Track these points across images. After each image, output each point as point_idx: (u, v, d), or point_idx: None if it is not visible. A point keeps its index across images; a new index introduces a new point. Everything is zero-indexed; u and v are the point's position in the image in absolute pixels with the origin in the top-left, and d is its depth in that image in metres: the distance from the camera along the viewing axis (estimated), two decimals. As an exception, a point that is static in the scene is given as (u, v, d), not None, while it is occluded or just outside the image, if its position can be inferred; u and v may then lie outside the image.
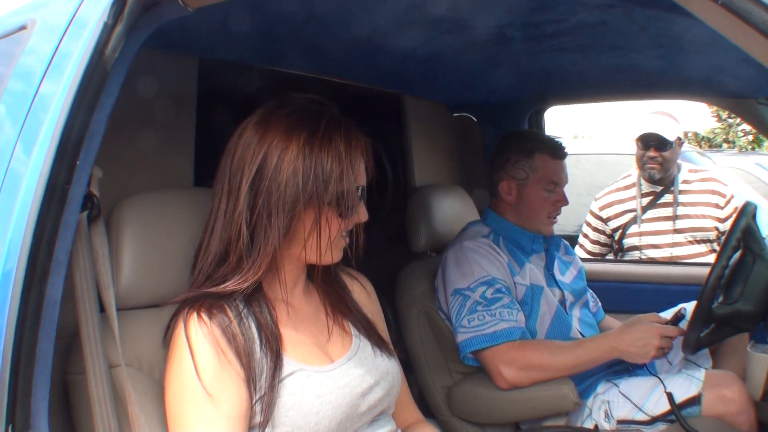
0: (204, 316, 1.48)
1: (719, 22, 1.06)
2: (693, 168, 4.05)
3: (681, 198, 3.86)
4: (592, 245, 4.13)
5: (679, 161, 3.96)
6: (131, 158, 1.72)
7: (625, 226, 3.95)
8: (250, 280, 1.53)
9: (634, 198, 3.96)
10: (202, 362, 1.44)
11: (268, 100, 1.61)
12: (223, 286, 1.53)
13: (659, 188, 3.91)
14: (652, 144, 3.83)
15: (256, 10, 1.75)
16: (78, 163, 1.34)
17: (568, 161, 2.76)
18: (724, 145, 20.54)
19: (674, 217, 3.82)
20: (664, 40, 2.17)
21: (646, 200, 3.93)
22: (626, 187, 4.04)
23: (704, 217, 3.80)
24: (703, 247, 3.78)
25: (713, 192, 3.86)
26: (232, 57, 2.18)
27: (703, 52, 2.22)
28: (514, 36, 2.16)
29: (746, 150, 18.24)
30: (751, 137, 20.07)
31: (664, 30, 2.07)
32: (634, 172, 4.03)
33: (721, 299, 2.10)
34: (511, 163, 2.71)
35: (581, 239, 4.20)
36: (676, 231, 3.79)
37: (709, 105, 4.46)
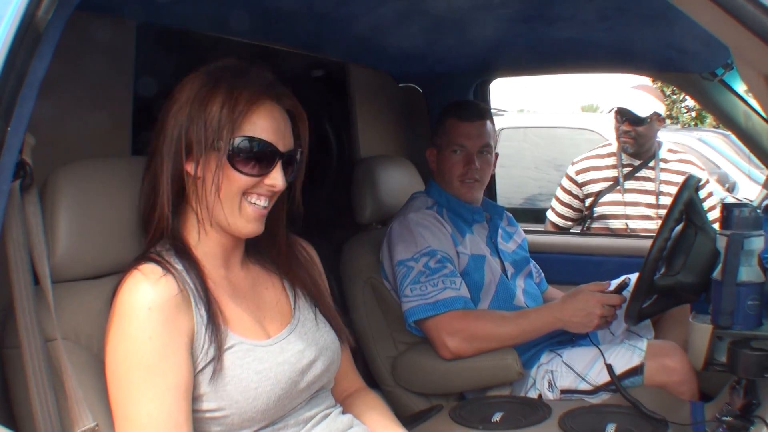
0: (150, 283, 1.44)
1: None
2: (672, 148, 4.06)
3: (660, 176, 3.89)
4: (563, 208, 4.16)
5: (659, 139, 3.98)
6: (66, 126, 1.67)
7: (598, 194, 3.98)
8: (166, 241, 1.56)
9: (612, 167, 3.98)
10: (148, 330, 1.41)
11: None
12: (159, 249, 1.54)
13: (637, 162, 3.93)
14: (626, 118, 3.84)
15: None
16: (9, 129, 1.28)
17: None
18: (668, 121, 20.78)
19: (657, 193, 3.84)
20: (611, 13, 2.17)
21: (625, 170, 3.95)
22: (606, 155, 4.05)
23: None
24: None
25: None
26: (171, 22, 2.13)
27: (650, 25, 2.23)
28: (461, 5, 2.14)
29: (689, 126, 18.54)
30: (694, 113, 20.38)
31: (612, 2, 2.07)
32: (614, 142, 4.04)
33: (663, 271, 2.11)
34: (436, 131, 2.80)
35: (553, 203, 4.23)
36: (660, 206, 3.80)
37: (654, 80, 4.49)
